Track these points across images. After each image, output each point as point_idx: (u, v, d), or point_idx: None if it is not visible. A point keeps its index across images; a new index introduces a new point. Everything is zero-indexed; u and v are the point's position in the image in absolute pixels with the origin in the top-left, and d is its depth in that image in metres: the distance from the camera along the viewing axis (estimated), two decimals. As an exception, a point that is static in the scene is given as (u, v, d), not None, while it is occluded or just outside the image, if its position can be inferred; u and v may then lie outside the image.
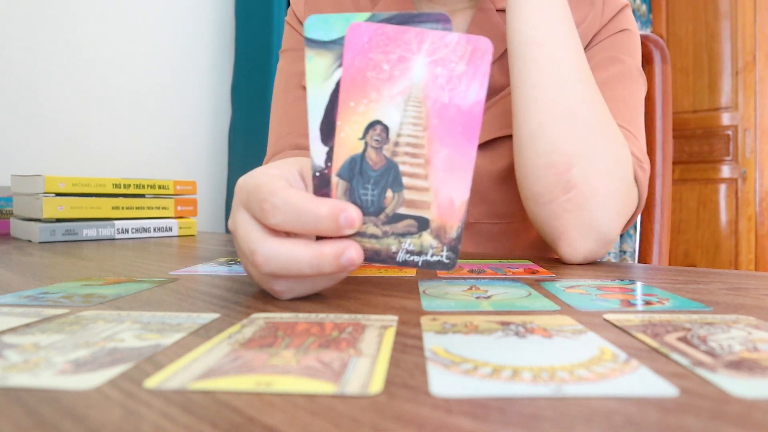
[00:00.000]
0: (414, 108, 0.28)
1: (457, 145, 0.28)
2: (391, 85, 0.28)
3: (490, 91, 0.62)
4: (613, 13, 0.60)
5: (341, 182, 0.29)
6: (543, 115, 0.48)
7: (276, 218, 0.27)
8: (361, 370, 0.18)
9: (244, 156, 1.38)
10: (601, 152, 0.47)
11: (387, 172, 0.29)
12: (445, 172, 0.28)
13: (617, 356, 0.20)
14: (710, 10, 2.51)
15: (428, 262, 0.29)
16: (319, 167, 0.29)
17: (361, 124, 0.28)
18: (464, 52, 0.27)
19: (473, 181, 0.63)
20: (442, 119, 0.28)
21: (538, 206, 0.49)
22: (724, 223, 2.49)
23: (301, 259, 0.27)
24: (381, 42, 0.28)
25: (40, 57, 1.11)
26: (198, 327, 0.24)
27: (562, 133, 0.47)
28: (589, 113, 0.48)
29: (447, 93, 0.28)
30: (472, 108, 0.28)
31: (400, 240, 0.29)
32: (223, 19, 1.45)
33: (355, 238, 0.29)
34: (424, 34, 0.28)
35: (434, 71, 0.28)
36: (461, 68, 0.27)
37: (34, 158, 1.09)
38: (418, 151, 0.28)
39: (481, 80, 0.27)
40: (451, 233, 0.29)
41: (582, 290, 0.34)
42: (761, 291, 0.34)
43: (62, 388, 0.17)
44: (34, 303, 0.30)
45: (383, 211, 0.29)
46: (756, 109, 2.41)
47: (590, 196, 0.47)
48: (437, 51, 0.28)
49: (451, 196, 0.28)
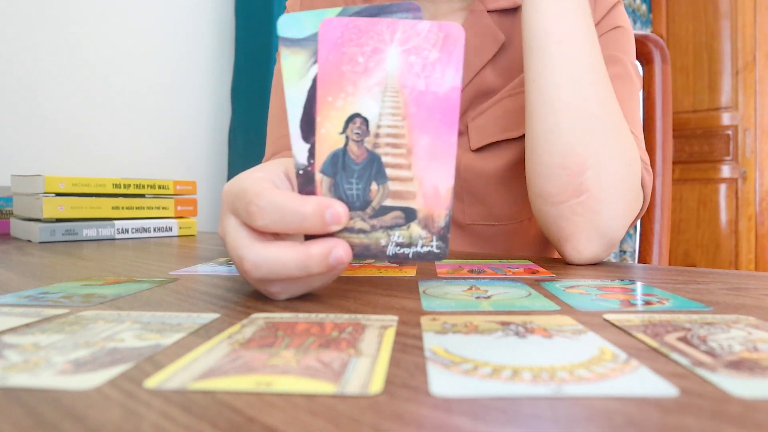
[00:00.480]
0: (392, 98, 0.28)
1: (437, 132, 0.28)
2: (367, 77, 0.28)
3: (485, 94, 0.62)
4: (606, 10, 0.60)
5: (325, 178, 0.29)
6: (560, 114, 0.46)
7: (262, 220, 0.28)
8: (361, 370, 0.18)
9: (244, 156, 1.38)
10: (615, 157, 0.46)
11: (370, 165, 0.29)
12: (427, 160, 0.28)
13: (617, 356, 0.20)
14: (710, 10, 2.51)
15: (419, 254, 0.29)
16: (302, 165, 0.29)
17: (341, 119, 0.28)
18: (437, 39, 0.27)
19: (469, 182, 0.63)
20: (421, 107, 0.28)
21: (547, 205, 0.49)
22: (724, 223, 2.49)
23: (289, 262, 0.27)
24: (354, 35, 0.28)
25: (40, 57, 1.11)
26: (198, 327, 0.24)
27: (578, 135, 0.46)
28: (605, 116, 0.47)
29: (423, 81, 0.28)
30: (449, 94, 0.28)
31: (389, 233, 0.29)
32: (223, 19, 1.45)
33: (343, 235, 0.29)
34: (396, 24, 0.28)
35: (408, 60, 0.28)
36: (435, 55, 0.28)
37: (34, 158, 1.09)
38: (399, 141, 0.28)
39: (456, 66, 0.28)
40: (439, 222, 0.29)
41: (582, 290, 0.34)
42: (761, 291, 0.34)
43: (62, 388, 0.17)
44: (34, 303, 0.30)
45: (369, 204, 0.29)
46: (756, 109, 2.41)
47: (601, 201, 0.46)
48: (410, 40, 0.28)
49: (435, 184, 0.28)
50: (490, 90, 0.62)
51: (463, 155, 0.62)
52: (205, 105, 1.42)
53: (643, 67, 0.80)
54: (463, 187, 0.63)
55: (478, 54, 0.62)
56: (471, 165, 0.62)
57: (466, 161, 0.62)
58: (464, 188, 0.63)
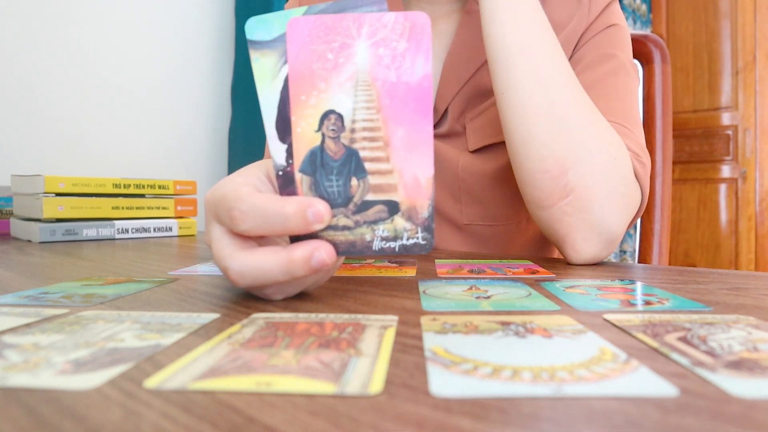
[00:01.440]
0: (364, 92, 0.28)
1: (412, 122, 0.28)
2: (338, 73, 0.28)
3: (483, 95, 0.62)
4: (600, 9, 0.60)
5: (305, 178, 0.29)
6: (531, 120, 0.47)
7: (245, 225, 0.28)
8: (361, 370, 0.18)
9: (244, 156, 1.38)
10: (595, 153, 0.47)
11: (348, 160, 0.29)
12: (405, 151, 0.28)
13: (617, 356, 0.20)
14: (710, 10, 2.51)
15: (405, 246, 0.29)
16: (281, 166, 0.29)
17: (315, 117, 0.28)
18: (403, 29, 0.28)
19: (467, 182, 0.63)
20: (394, 98, 0.28)
21: (539, 210, 0.49)
22: (724, 223, 2.49)
23: (273, 268, 0.27)
24: (321, 33, 0.28)
25: (40, 57, 1.11)
26: (198, 327, 0.24)
27: (553, 138, 0.46)
28: (577, 115, 0.47)
29: (394, 72, 0.28)
30: (421, 83, 0.28)
31: (373, 228, 0.29)
32: (223, 19, 1.45)
33: (327, 233, 0.29)
34: (362, 18, 0.28)
35: (377, 52, 0.28)
36: (403, 45, 0.28)
37: (34, 158, 1.09)
38: (375, 134, 0.28)
39: (425, 54, 0.28)
40: (422, 212, 0.29)
41: (582, 290, 0.34)
42: (761, 291, 0.34)
43: (62, 388, 0.17)
44: (34, 303, 0.30)
45: (351, 200, 0.29)
46: (756, 109, 2.41)
47: (589, 199, 0.46)
48: (377, 32, 0.28)
49: (415, 174, 0.28)
50: (487, 90, 0.62)
51: (460, 155, 0.62)
52: (205, 105, 1.42)
53: (643, 67, 0.80)
54: (461, 187, 0.63)
55: (475, 54, 0.62)
56: (469, 165, 0.62)
57: (463, 161, 0.62)
58: (462, 188, 0.63)
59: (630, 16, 2.46)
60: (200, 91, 1.41)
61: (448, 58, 0.63)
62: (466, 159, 0.62)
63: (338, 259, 0.32)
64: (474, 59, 0.62)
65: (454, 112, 0.63)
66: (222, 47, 1.45)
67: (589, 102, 0.49)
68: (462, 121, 0.63)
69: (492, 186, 0.62)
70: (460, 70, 0.62)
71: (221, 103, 1.45)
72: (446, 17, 0.65)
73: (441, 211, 0.65)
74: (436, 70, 0.64)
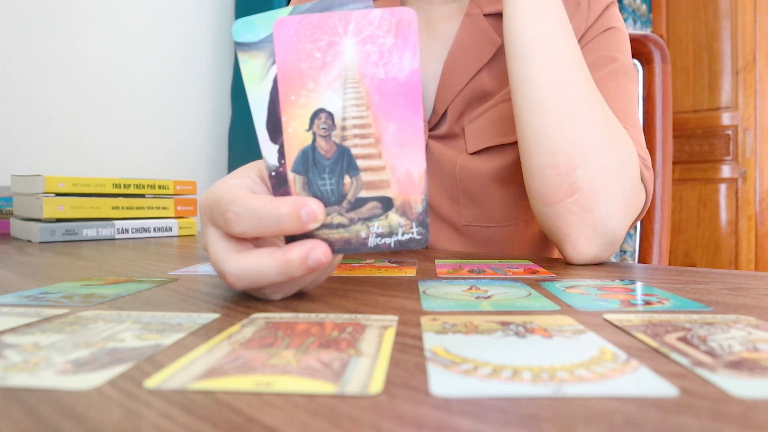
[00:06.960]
0: (353, 89, 0.28)
1: (402, 117, 0.28)
2: (326, 71, 0.28)
3: (482, 97, 0.62)
4: (599, 12, 0.60)
5: (298, 177, 0.29)
6: (545, 116, 0.47)
7: (240, 227, 0.28)
8: (361, 370, 0.18)
9: (244, 156, 1.38)
10: (606, 153, 0.47)
11: (340, 158, 0.29)
12: (396, 147, 0.28)
13: (617, 356, 0.20)
14: (710, 10, 2.51)
15: (400, 242, 0.29)
16: (274, 166, 0.29)
17: (306, 116, 0.28)
18: (390, 25, 0.28)
19: (465, 184, 0.63)
20: (383, 94, 0.28)
21: (544, 207, 0.49)
22: (724, 223, 2.49)
23: (269, 270, 0.27)
24: (308, 32, 0.28)
25: (40, 57, 1.11)
26: (198, 327, 0.24)
27: (565, 134, 0.47)
28: (591, 113, 0.47)
29: (382, 68, 0.28)
30: (409, 78, 0.28)
31: (368, 224, 0.29)
32: (223, 19, 1.45)
33: (322, 231, 0.29)
34: (348, 16, 0.28)
35: (365, 50, 0.28)
36: (390, 41, 0.28)
37: (34, 158, 1.09)
38: (366, 131, 0.28)
39: (412, 50, 0.28)
40: (416, 207, 0.29)
41: (582, 290, 0.34)
42: (761, 291, 0.34)
43: (62, 388, 0.17)
44: (34, 303, 0.30)
45: (345, 198, 0.29)
46: (756, 109, 2.41)
47: (595, 198, 0.46)
48: (363, 29, 0.28)
49: (408, 170, 0.28)
50: (486, 93, 0.62)
51: (458, 157, 0.63)
52: (205, 105, 1.42)
53: (643, 67, 0.80)
54: (459, 188, 0.63)
55: (475, 57, 0.62)
56: (467, 166, 0.62)
57: (461, 163, 0.62)
58: (460, 189, 0.63)
59: (630, 16, 2.46)
60: (200, 91, 1.41)
61: (448, 60, 0.63)
62: (465, 160, 0.62)
63: (335, 258, 0.32)
64: (474, 62, 0.62)
65: (453, 114, 0.63)
66: (222, 47, 1.45)
67: (602, 102, 0.49)
68: (461, 123, 0.63)
69: (490, 188, 0.63)
70: (460, 73, 0.62)
71: (221, 103, 1.45)
72: (447, 20, 0.65)
73: (439, 213, 0.65)
74: (436, 72, 0.64)
